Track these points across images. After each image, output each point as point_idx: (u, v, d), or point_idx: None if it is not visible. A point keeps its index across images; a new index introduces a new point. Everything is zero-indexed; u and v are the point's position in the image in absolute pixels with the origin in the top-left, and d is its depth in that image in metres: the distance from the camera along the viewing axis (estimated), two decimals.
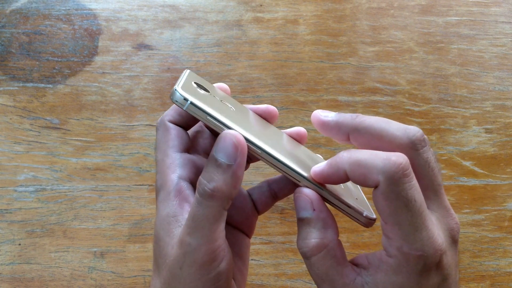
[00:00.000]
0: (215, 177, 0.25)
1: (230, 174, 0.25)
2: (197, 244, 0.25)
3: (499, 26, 0.47)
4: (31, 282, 0.40)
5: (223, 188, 0.25)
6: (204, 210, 0.25)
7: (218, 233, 0.26)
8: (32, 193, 0.42)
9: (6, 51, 0.45)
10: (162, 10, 0.47)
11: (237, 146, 0.25)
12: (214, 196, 0.25)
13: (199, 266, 0.25)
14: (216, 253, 0.26)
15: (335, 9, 0.47)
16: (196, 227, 0.25)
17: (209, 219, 0.25)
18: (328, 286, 0.24)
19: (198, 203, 0.25)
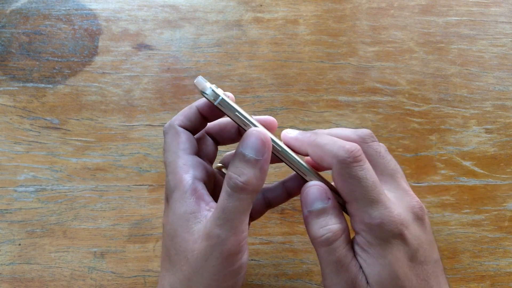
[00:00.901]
0: (245, 171, 0.26)
1: (259, 168, 0.26)
2: (226, 235, 0.26)
3: (499, 26, 0.47)
4: (31, 282, 0.40)
5: (253, 181, 0.26)
6: (235, 203, 0.26)
7: (245, 225, 0.27)
8: (32, 193, 0.42)
9: (6, 51, 0.45)
10: (162, 10, 0.47)
11: (265, 142, 0.27)
12: (245, 189, 0.26)
13: (225, 257, 0.26)
14: (242, 245, 0.27)
15: (335, 9, 0.47)
16: (227, 219, 0.26)
17: (239, 211, 0.26)
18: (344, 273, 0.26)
19: (229, 196, 0.26)
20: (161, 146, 0.43)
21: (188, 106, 0.31)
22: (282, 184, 0.34)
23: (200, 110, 0.31)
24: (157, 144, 0.43)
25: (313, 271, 0.40)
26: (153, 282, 0.40)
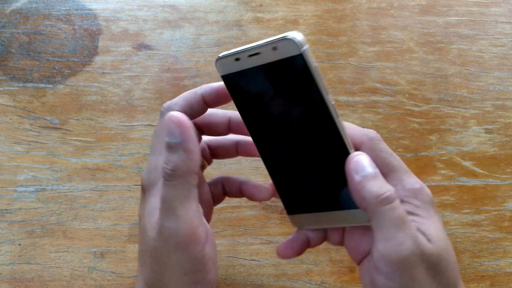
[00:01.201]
0: (171, 158, 0.26)
1: (182, 151, 0.26)
2: (175, 226, 0.26)
3: (499, 26, 0.47)
4: (31, 282, 0.40)
5: (181, 165, 0.26)
6: (171, 191, 0.26)
7: (193, 212, 0.26)
8: (32, 193, 0.42)
9: (6, 51, 0.45)
10: (162, 10, 0.47)
11: (178, 124, 0.26)
12: (176, 175, 0.26)
13: (183, 248, 0.26)
14: (197, 235, 0.26)
15: (335, 9, 0.47)
16: (169, 209, 0.26)
17: (178, 198, 0.26)
18: (408, 229, 0.26)
19: (165, 186, 0.26)
20: None
21: (190, 91, 0.30)
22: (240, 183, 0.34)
23: (205, 97, 0.29)
24: None
25: (313, 271, 0.40)
26: None
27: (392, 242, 0.25)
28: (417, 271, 0.25)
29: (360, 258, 0.30)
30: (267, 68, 0.27)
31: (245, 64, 0.27)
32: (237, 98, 0.28)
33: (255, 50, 0.26)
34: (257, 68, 0.27)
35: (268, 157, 0.30)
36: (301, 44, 0.26)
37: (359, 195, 0.26)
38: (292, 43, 0.26)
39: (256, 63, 0.27)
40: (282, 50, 0.26)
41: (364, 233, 0.30)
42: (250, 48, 0.26)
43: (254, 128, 0.29)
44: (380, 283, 0.26)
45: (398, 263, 0.25)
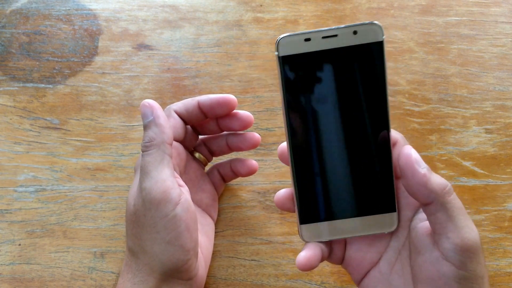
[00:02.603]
0: (146, 134, 0.31)
1: (154, 125, 0.31)
2: (149, 185, 0.30)
3: (499, 26, 0.47)
4: (31, 283, 0.40)
5: (154, 136, 0.31)
6: (147, 158, 0.30)
7: (165, 175, 0.30)
8: (32, 193, 0.42)
9: (6, 51, 0.45)
10: (162, 10, 0.47)
11: (147, 106, 0.32)
12: (151, 145, 0.30)
13: (156, 205, 0.29)
14: (168, 194, 0.29)
15: (335, 9, 0.47)
16: (145, 173, 0.30)
17: (153, 163, 0.30)
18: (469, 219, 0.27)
19: (142, 156, 0.31)
20: None
21: (191, 98, 0.35)
22: (229, 162, 0.38)
23: (200, 104, 0.34)
24: None
25: (313, 271, 0.40)
26: None
27: (465, 230, 0.26)
28: (481, 257, 0.26)
29: (364, 272, 0.30)
30: (341, 52, 0.26)
31: (316, 45, 0.26)
32: (292, 83, 0.27)
33: (333, 31, 0.26)
34: (330, 51, 0.26)
35: (299, 153, 0.29)
36: (383, 32, 0.26)
37: (426, 187, 0.26)
38: (377, 28, 0.26)
39: (330, 46, 0.26)
40: (364, 34, 0.26)
41: (371, 243, 0.30)
42: (326, 29, 0.26)
43: (297, 117, 0.28)
44: (450, 273, 0.26)
45: (472, 250, 0.25)
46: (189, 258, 0.31)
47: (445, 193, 0.26)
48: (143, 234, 0.30)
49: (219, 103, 0.34)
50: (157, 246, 0.30)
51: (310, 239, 0.30)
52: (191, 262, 0.31)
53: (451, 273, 0.26)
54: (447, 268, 0.26)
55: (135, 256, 0.31)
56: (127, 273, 0.32)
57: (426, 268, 0.27)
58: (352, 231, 0.29)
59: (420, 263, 0.27)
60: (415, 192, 0.27)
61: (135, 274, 0.31)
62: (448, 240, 0.26)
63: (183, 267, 0.31)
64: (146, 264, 0.31)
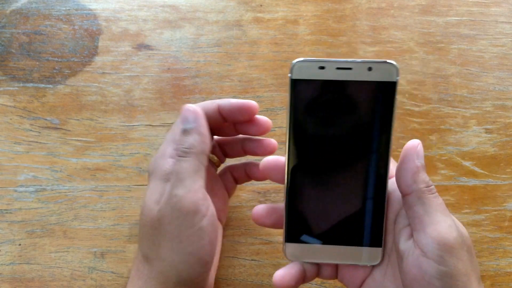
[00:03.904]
0: (187, 140, 0.30)
1: (196, 133, 0.30)
2: (182, 193, 0.29)
3: (499, 26, 0.47)
4: (31, 283, 0.40)
5: (195, 144, 0.30)
6: (183, 164, 0.29)
7: (199, 186, 0.30)
8: (32, 193, 0.42)
9: (6, 51, 0.45)
10: (162, 10, 0.47)
11: (193, 112, 0.31)
12: (190, 152, 0.30)
13: (185, 215, 0.29)
14: (198, 206, 0.29)
15: (335, 9, 0.47)
16: (180, 180, 0.29)
17: (189, 171, 0.29)
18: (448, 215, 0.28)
19: (178, 161, 0.30)
20: None
21: (210, 100, 0.33)
22: (244, 165, 0.38)
23: (221, 108, 0.33)
24: (157, 144, 0.43)
25: None
26: None
27: (442, 224, 0.26)
28: (462, 253, 0.26)
29: (360, 283, 0.31)
30: (352, 86, 0.27)
31: (330, 74, 0.27)
32: (299, 106, 0.28)
33: (348, 64, 0.27)
34: (341, 82, 0.27)
35: (296, 173, 0.29)
36: (398, 73, 0.27)
37: (412, 176, 0.27)
38: (393, 68, 0.26)
39: (343, 77, 0.27)
40: (378, 72, 0.26)
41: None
42: (342, 61, 0.27)
43: (300, 141, 0.29)
44: (431, 270, 0.26)
45: (450, 245, 0.26)
46: (206, 271, 0.30)
47: (426, 189, 0.27)
48: (164, 242, 0.29)
49: (240, 109, 0.33)
50: (177, 256, 0.29)
51: (293, 258, 0.30)
52: (206, 275, 0.31)
53: (432, 269, 0.26)
54: (427, 264, 0.26)
55: (149, 263, 0.30)
56: (138, 279, 0.31)
57: (409, 270, 0.27)
58: (336, 258, 0.30)
59: (404, 267, 0.28)
60: (400, 178, 0.28)
61: (147, 282, 0.30)
62: (425, 235, 0.26)
63: (199, 279, 0.30)
64: (161, 273, 0.29)
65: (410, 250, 0.27)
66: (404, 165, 0.28)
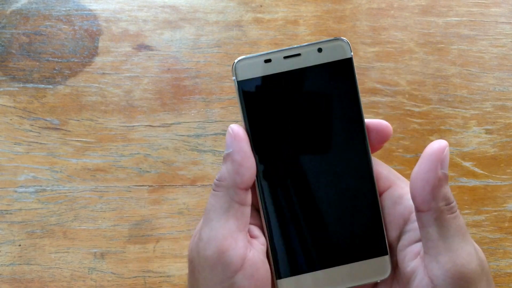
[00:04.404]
0: (220, 170, 0.25)
1: (230, 161, 0.24)
2: (207, 238, 0.24)
3: (499, 26, 0.47)
4: (31, 283, 0.40)
5: (226, 176, 0.24)
6: (212, 200, 0.25)
7: (228, 230, 0.24)
8: (32, 194, 0.42)
9: (6, 51, 0.45)
10: (162, 10, 0.47)
11: (233, 135, 0.25)
12: (220, 185, 0.24)
13: (211, 267, 0.24)
14: (226, 255, 0.23)
15: (335, 9, 0.47)
16: (207, 220, 0.24)
17: (216, 209, 0.24)
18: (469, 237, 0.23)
19: (209, 197, 0.25)
20: (161, 147, 0.43)
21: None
22: None
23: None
24: (157, 145, 0.43)
25: None
26: (152, 283, 0.40)
27: (460, 253, 0.22)
28: (481, 286, 0.22)
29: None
30: (306, 72, 0.24)
31: (278, 67, 0.24)
32: (254, 110, 0.24)
33: (295, 50, 0.24)
34: (294, 72, 0.24)
35: (272, 192, 0.25)
36: (351, 48, 0.24)
37: (432, 192, 0.22)
38: (344, 44, 0.24)
39: (293, 66, 0.24)
40: (329, 52, 0.24)
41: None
42: (288, 48, 0.24)
43: (266, 151, 0.25)
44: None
45: (466, 279, 0.21)
46: None
47: (446, 208, 0.22)
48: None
49: (377, 131, 0.26)
50: None
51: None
52: None
53: None
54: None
55: None
56: None
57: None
58: (339, 282, 0.25)
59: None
60: (415, 190, 0.23)
61: None
62: (438, 265, 0.22)
63: None
64: None
65: (418, 275, 0.23)
66: (423, 174, 0.22)
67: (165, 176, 0.42)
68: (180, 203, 0.42)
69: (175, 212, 0.42)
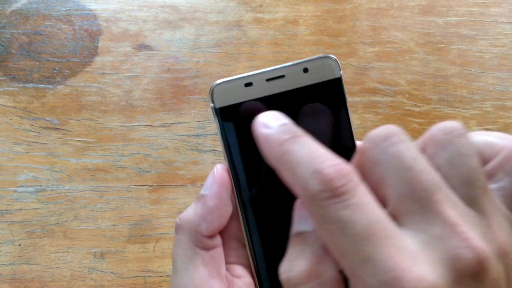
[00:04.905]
0: (189, 208, 0.22)
1: (201, 203, 0.22)
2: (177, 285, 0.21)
3: (499, 26, 0.47)
4: (31, 283, 0.40)
5: (190, 218, 0.22)
6: (175, 248, 0.22)
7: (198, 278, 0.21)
8: (32, 193, 0.42)
9: (6, 51, 0.45)
10: (162, 10, 0.47)
11: (214, 177, 0.22)
12: (181, 227, 0.22)
13: None
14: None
15: (335, 9, 0.47)
16: (175, 270, 0.22)
17: (182, 259, 0.22)
18: None
19: (174, 241, 0.22)
20: (161, 147, 0.43)
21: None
22: None
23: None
24: (157, 145, 0.43)
25: None
26: (152, 283, 0.40)
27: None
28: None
29: None
30: (290, 97, 0.22)
31: (260, 91, 0.21)
32: (236, 140, 0.22)
33: (278, 72, 0.21)
34: (276, 96, 0.22)
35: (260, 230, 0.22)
36: (340, 66, 0.22)
37: None
38: (332, 62, 0.21)
39: (277, 90, 0.22)
40: (316, 72, 0.22)
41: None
42: (270, 70, 0.21)
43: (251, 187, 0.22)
44: None
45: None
46: None
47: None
48: None
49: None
50: None
51: None
52: None
53: None
54: None
55: None
56: None
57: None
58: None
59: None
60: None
61: None
62: None
63: None
64: None
65: None
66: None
67: (165, 176, 0.42)
68: (180, 203, 0.42)
69: (175, 212, 0.42)
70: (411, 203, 0.16)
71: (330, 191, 0.15)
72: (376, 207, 0.15)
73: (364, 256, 0.14)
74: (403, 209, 0.16)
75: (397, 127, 0.17)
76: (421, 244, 0.15)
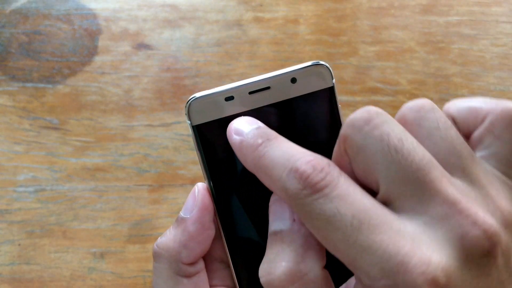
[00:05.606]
0: (167, 232, 0.21)
1: (181, 229, 0.20)
2: None
3: (500, 26, 0.47)
4: (31, 283, 0.39)
5: (169, 245, 0.20)
6: (155, 277, 0.21)
7: None
8: (32, 193, 0.42)
9: (6, 51, 0.45)
10: (162, 9, 0.47)
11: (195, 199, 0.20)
12: (160, 255, 0.20)
13: None
14: None
15: (336, 8, 0.47)
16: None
17: (157, 283, 0.20)
18: None
19: (153, 269, 0.21)
20: (160, 146, 0.43)
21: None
22: None
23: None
24: (157, 144, 0.43)
25: None
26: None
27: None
28: None
29: None
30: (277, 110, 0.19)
31: (242, 104, 0.19)
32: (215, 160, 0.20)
33: (263, 83, 0.19)
34: (262, 110, 0.19)
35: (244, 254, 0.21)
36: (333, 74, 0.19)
37: None
38: (324, 70, 0.19)
39: (260, 103, 0.19)
40: (305, 81, 0.19)
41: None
42: (254, 81, 0.19)
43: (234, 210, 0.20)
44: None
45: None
46: None
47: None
48: None
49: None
50: None
51: None
52: None
53: None
54: None
55: None
56: None
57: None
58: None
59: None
60: None
61: None
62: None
63: None
64: None
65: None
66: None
67: (165, 175, 0.42)
68: (180, 202, 0.42)
69: (175, 212, 0.42)
70: (405, 185, 0.15)
71: (309, 187, 0.15)
72: (363, 195, 0.15)
73: (360, 246, 0.14)
74: (396, 193, 0.15)
75: (376, 108, 0.16)
76: (422, 226, 0.14)
